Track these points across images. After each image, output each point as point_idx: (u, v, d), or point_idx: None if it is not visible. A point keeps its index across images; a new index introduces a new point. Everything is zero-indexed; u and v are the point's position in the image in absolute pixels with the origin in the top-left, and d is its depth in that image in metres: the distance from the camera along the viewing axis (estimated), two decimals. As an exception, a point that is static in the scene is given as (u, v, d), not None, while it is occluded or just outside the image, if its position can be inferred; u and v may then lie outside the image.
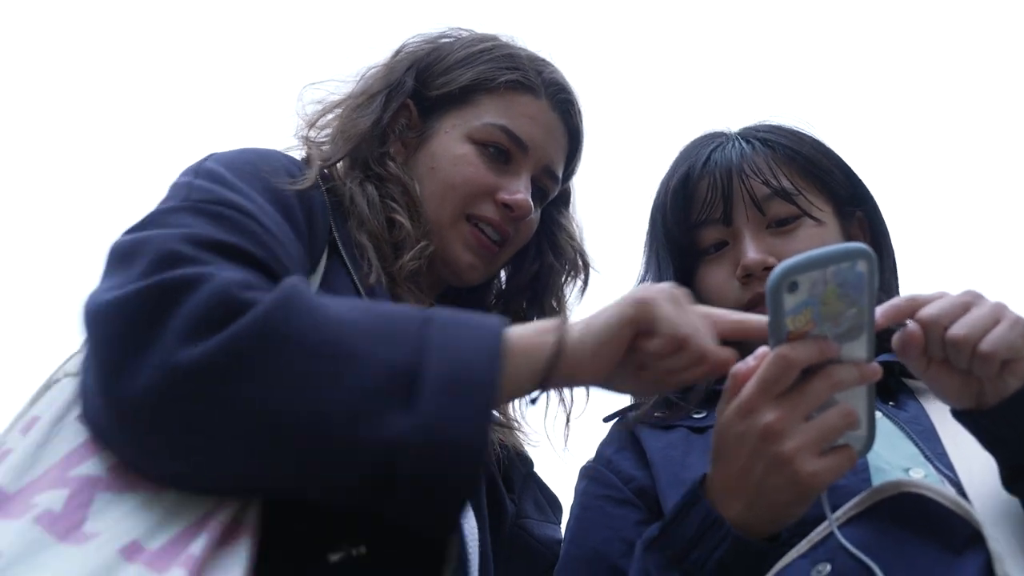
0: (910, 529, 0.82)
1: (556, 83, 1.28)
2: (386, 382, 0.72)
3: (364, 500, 0.74)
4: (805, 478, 0.79)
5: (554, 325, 0.82)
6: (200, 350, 0.71)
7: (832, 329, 0.79)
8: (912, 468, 0.94)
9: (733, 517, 0.84)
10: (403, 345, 0.75)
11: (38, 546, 0.69)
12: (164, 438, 0.73)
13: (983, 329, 0.82)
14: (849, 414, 0.80)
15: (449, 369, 0.73)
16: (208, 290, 0.74)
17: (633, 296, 0.82)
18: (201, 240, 0.81)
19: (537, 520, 1.30)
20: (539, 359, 0.80)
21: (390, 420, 0.71)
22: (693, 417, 1.18)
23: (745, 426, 0.81)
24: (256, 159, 1.01)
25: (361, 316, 0.77)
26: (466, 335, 0.77)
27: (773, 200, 1.21)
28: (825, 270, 0.75)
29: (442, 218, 1.19)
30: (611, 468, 1.18)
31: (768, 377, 0.79)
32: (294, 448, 0.72)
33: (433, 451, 0.70)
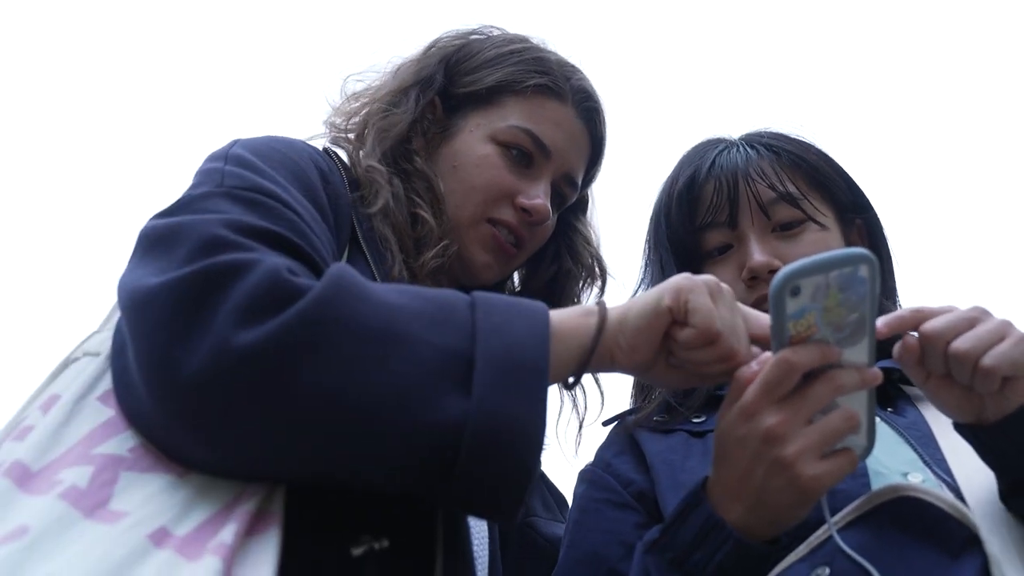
0: (908, 533, 0.83)
1: (583, 90, 1.28)
2: (441, 365, 0.72)
3: (422, 485, 0.73)
4: (806, 481, 0.79)
5: (596, 308, 0.83)
6: (256, 334, 0.70)
7: (834, 334, 0.79)
8: (911, 473, 0.94)
9: (734, 520, 0.84)
10: (455, 328, 0.75)
11: (65, 522, 0.69)
12: (218, 421, 0.72)
13: (987, 344, 0.83)
14: (851, 418, 0.80)
15: (502, 352, 0.73)
16: (258, 274, 0.73)
17: (672, 284, 0.83)
18: (243, 226, 0.80)
19: (545, 519, 1.30)
20: (583, 340, 0.81)
21: (447, 403, 0.71)
22: (692, 421, 1.18)
23: (747, 429, 0.82)
24: (283, 147, 1.01)
25: (410, 300, 0.77)
26: (514, 318, 0.77)
27: (778, 204, 1.22)
28: (827, 275, 0.76)
29: (462, 218, 1.20)
30: (610, 472, 1.18)
31: (770, 381, 0.80)
32: (352, 432, 0.71)
33: (491, 434, 0.70)
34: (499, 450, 0.71)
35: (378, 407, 0.71)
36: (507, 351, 0.74)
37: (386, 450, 0.72)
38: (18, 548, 0.65)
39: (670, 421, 1.19)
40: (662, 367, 0.86)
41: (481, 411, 0.70)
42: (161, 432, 0.76)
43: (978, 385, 0.83)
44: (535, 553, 1.25)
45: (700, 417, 1.18)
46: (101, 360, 0.84)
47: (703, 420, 1.18)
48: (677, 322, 0.82)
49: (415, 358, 0.72)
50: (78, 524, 0.69)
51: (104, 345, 0.86)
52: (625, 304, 0.85)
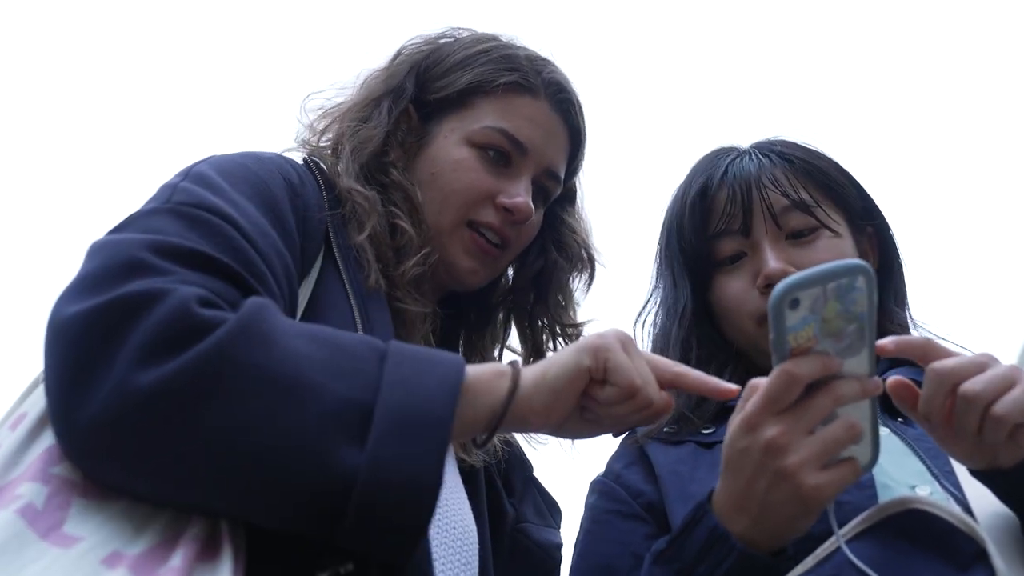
0: (916, 545, 0.83)
1: (556, 83, 1.26)
2: (339, 416, 0.73)
3: (315, 530, 0.74)
4: (808, 491, 0.79)
5: (510, 370, 0.83)
6: (155, 375, 0.71)
7: (834, 345, 0.79)
8: (918, 485, 0.94)
9: (739, 532, 0.84)
10: (359, 380, 0.75)
11: (21, 540, 0.70)
12: (119, 461, 0.73)
13: (997, 390, 0.81)
14: (852, 427, 0.80)
15: (403, 406, 0.74)
16: (166, 308, 0.73)
17: (588, 344, 0.83)
18: (166, 248, 0.80)
19: (537, 524, 1.29)
20: (494, 401, 0.81)
21: (342, 455, 0.71)
22: (702, 432, 1.18)
23: (749, 441, 0.82)
24: (251, 163, 1.00)
25: (319, 348, 0.77)
26: (423, 372, 0.78)
27: (792, 212, 1.22)
28: (825, 286, 0.76)
29: (442, 224, 1.18)
30: (620, 483, 1.18)
31: (772, 393, 0.80)
32: (245, 476, 0.72)
33: (382, 487, 0.71)
34: (387, 505, 0.71)
35: (270, 455, 0.71)
36: (408, 406, 0.74)
37: (278, 497, 0.73)
38: None
39: (680, 432, 1.19)
40: (575, 422, 0.87)
41: (372, 465, 0.71)
42: (79, 464, 0.76)
43: (987, 432, 0.81)
44: (526, 559, 1.25)
45: (710, 428, 1.18)
46: None
47: (712, 431, 1.18)
48: (595, 381, 0.83)
49: (311, 408, 0.72)
50: (34, 544, 0.70)
51: None
52: (541, 365, 0.85)
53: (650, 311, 1.38)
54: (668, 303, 1.33)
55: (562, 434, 0.89)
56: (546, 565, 1.25)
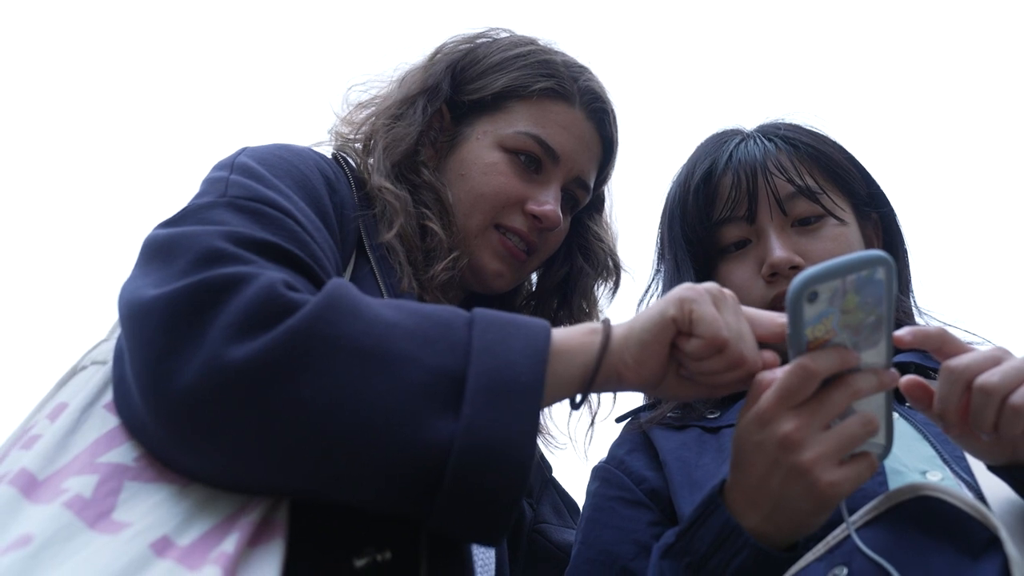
0: (927, 532, 0.81)
1: (591, 91, 1.26)
2: (432, 386, 0.72)
3: (408, 505, 0.73)
4: (824, 487, 0.78)
5: (599, 326, 0.82)
6: (249, 348, 0.70)
7: (851, 337, 0.78)
8: (929, 471, 0.93)
9: (751, 526, 0.83)
10: (448, 348, 0.74)
11: (69, 531, 0.69)
12: (208, 436, 0.72)
13: (1014, 381, 0.79)
14: (870, 422, 0.79)
15: (494, 372, 0.73)
16: (255, 288, 0.74)
17: (675, 295, 0.81)
18: (242, 238, 0.80)
19: (555, 525, 1.29)
20: (585, 360, 0.80)
21: (435, 423, 0.71)
22: (707, 417, 1.17)
23: (764, 435, 0.80)
24: (291, 156, 1.00)
25: (406, 318, 0.76)
26: (510, 337, 0.76)
27: (797, 199, 1.20)
28: (844, 279, 0.74)
29: (470, 227, 1.18)
30: (623, 469, 1.17)
31: (788, 387, 0.78)
32: (337, 450, 0.71)
33: (478, 454, 0.70)
34: (484, 473, 0.70)
35: (365, 426, 0.71)
36: (499, 371, 0.73)
37: (372, 469, 0.72)
38: (22, 557, 0.66)
39: (684, 417, 1.18)
40: (672, 380, 0.84)
41: (468, 433, 0.70)
42: (157, 443, 0.76)
43: (1005, 425, 0.79)
44: (545, 559, 1.25)
45: (714, 413, 1.17)
46: (108, 369, 0.84)
47: (717, 416, 1.17)
48: (683, 333, 0.81)
49: (405, 377, 0.72)
50: (82, 534, 0.69)
51: (111, 354, 0.86)
52: (630, 320, 0.83)
53: (652, 295, 1.36)
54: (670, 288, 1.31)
55: (661, 393, 0.86)
56: (565, 565, 1.24)
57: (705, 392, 0.86)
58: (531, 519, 1.26)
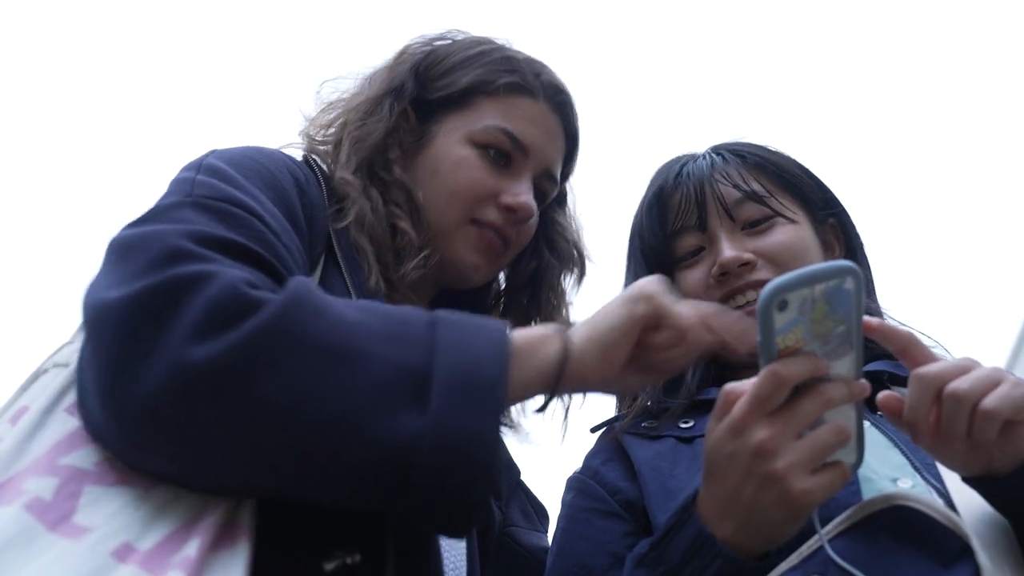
0: (900, 541, 0.82)
1: (553, 85, 1.27)
2: (397, 382, 0.72)
3: (380, 501, 0.73)
4: (797, 496, 0.79)
5: (556, 329, 0.83)
6: (210, 349, 0.70)
7: (821, 347, 0.78)
8: (900, 478, 0.93)
9: (725, 536, 0.83)
10: (413, 346, 0.75)
11: (30, 534, 0.68)
12: (172, 438, 0.72)
13: (985, 387, 0.80)
14: (841, 431, 0.80)
15: (459, 368, 0.73)
16: (216, 287, 0.73)
17: (638, 293, 0.83)
18: (205, 237, 0.79)
19: (524, 528, 1.29)
20: (546, 364, 0.80)
21: (403, 420, 0.71)
22: (680, 427, 1.17)
23: (736, 444, 0.81)
24: (259, 156, 1.00)
25: (369, 317, 0.76)
26: (472, 335, 0.77)
27: (745, 203, 1.24)
28: (814, 288, 0.75)
29: (446, 222, 1.18)
30: (597, 480, 1.17)
31: (760, 395, 0.79)
32: (307, 448, 0.71)
33: (446, 449, 0.70)
34: (454, 466, 0.71)
35: (332, 423, 0.71)
36: (465, 367, 0.74)
37: (342, 466, 0.72)
38: None
39: (658, 427, 1.18)
40: (629, 373, 0.86)
41: (437, 427, 0.70)
42: (119, 447, 0.75)
43: (978, 432, 0.80)
44: (514, 563, 1.25)
45: (688, 422, 1.17)
46: (70, 371, 0.83)
47: (691, 425, 1.17)
48: (649, 327, 0.83)
49: (370, 374, 0.72)
50: (42, 537, 0.68)
51: (73, 356, 0.84)
52: (588, 322, 0.84)
53: None
54: None
55: (615, 388, 0.89)
56: (534, 569, 1.24)
57: (655, 379, 0.90)
58: (500, 522, 1.26)
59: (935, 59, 3.41)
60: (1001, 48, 3.49)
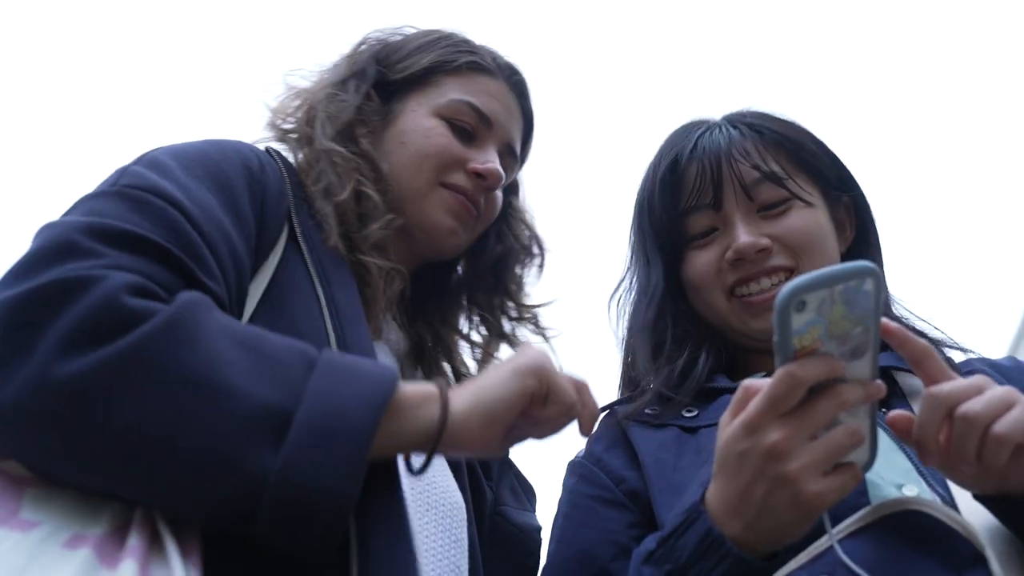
0: (911, 546, 0.82)
1: (510, 66, 1.32)
2: (257, 420, 0.73)
3: (231, 528, 0.75)
4: (809, 498, 0.78)
5: (438, 394, 0.83)
6: (78, 365, 0.71)
7: (838, 347, 0.77)
8: (906, 484, 0.93)
9: (734, 535, 0.83)
10: (282, 386, 0.76)
11: None
12: (39, 448, 0.73)
13: (997, 410, 0.79)
14: (855, 433, 0.79)
15: (322, 416, 0.74)
16: (94, 297, 0.73)
17: (529, 367, 0.86)
18: (103, 230, 0.80)
19: (515, 508, 1.29)
20: (426, 424, 0.82)
21: (255, 457, 0.72)
22: (684, 416, 1.16)
23: (749, 444, 0.80)
24: (209, 148, 1.01)
25: (245, 353, 0.77)
26: (350, 384, 0.78)
27: (762, 184, 1.20)
28: (833, 288, 0.74)
29: (418, 186, 1.20)
30: (601, 467, 1.16)
31: (775, 395, 0.78)
32: (160, 473, 0.73)
33: (292, 492, 0.72)
34: (297, 509, 0.72)
35: (187, 453, 0.72)
36: (328, 416, 0.75)
37: (196, 494, 0.73)
38: None
39: (662, 415, 1.18)
40: (506, 441, 0.90)
41: (285, 469, 0.72)
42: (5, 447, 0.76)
43: (988, 455, 0.78)
44: (508, 542, 1.25)
45: (692, 412, 1.17)
46: None
47: (695, 415, 1.16)
48: (536, 400, 0.86)
49: (231, 409, 0.73)
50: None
51: None
52: (473, 389, 0.86)
53: (625, 291, 1.36)
54: (641, 283, 1.32)
55: (491, 454, 0.92)
56: (528, 548, 1.25)
57: (526, 439, 0.93)
58: (492, 501, 1.27)
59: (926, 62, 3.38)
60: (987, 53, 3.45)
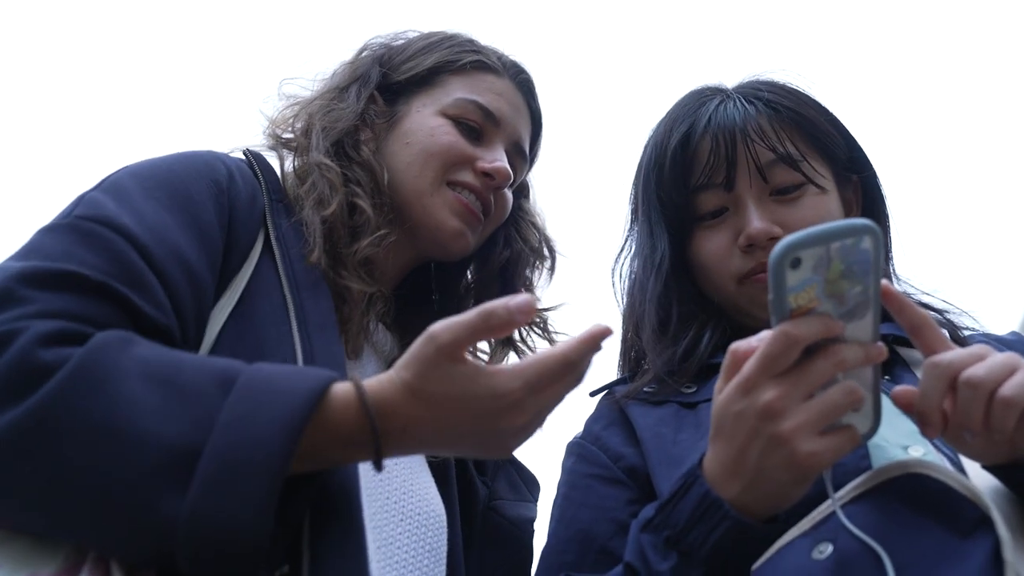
0: (915, 510, 0.80)
1: (516, 65, 1.31)
2: (165, 464, 0.72)
3: (164, 567, 0.74)
4: (803, 458, 0.76)
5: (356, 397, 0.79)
6: None
7: (837, 307, 0.75)
8: (911, 446, 0.91)
9: (732, 498, 0.81)
10: (192, 422, 0.74)
11: None
12: None
13: (1002, 375, 0.76)
14: (852, 392, 0.77)
15: (229, 450, 0.72)
16: (10, 353, 0.74)
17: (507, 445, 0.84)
18: (37, 275, 0.81)
19: (511, 501, 1.29)
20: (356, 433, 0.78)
21: (166, 502, 0.71)
22: (683, 392, 1.15)
23: (744, 404, 0.78)
24: (174, 163, 1.01)
25: (156, 389, 0.75)
26: (266, 406, 0.75)
27: (777, 166, 1.17)
28: (829, 246, 0.72)
29: (422, 186, 1.18)
30: (599, 445, 1.15)
31: (770, 354, 0.76)
32: (80, 521, 0.73)
33: (200, 537, 0.71)
34: (209, 552, 0.71)
35: (100, 504, 0.72)
36: (236, 449, 0.73)
37: (117, 539, 0.74)
38: None
39: (660, 392, 1.16)
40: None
41: (192, 514, 0.70)
42: None
43: (995, 420, 0.76)
44: (500, 536, 1.25)
45: (691, 388, 1.15)
46: None
47: (694, 391, 1.15)
48: None
49: (139, 456, 0.72)
50: None
51: None
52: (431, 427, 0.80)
53: (626, 257, 1.33)
54: (644, 253, 1.28)
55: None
56: (518, 540, 1.25)
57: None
58: (485, 497, 1.26)
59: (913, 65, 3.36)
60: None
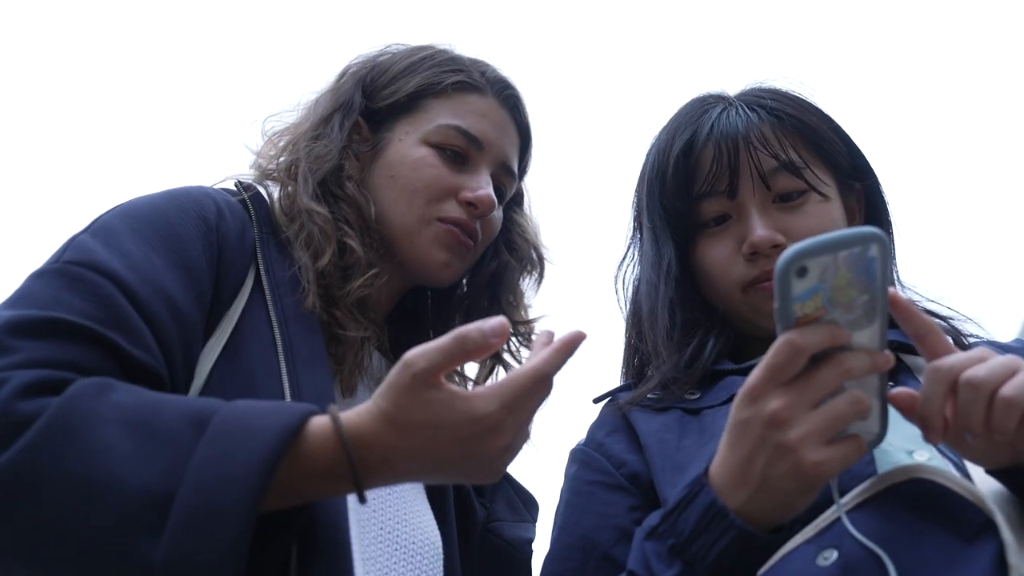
0: (919, 515, 0.80)
1: (501, 80, 1.29)
2: (138, 512, 0.73)
3: None
4: (808, 468, 0.76)
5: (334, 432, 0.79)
6: None
7: (843, 316, 0.76)
8: (916, 450, 0.91)
9: (737, 507, 0.81)
10: (166, 467, 0.74)
11: None
12: None
13: (1003, 375, 0.76)
14: (859, 401, 0.77)
15: (201, 493, 0.72)
16: None
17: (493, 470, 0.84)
18: (22, 324, 0.82)
19: (509, 522, 1.28)
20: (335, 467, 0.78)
21: (141, 549, 0.71)
22: (687, 399, 1.15)
23: (750, 413, 0.78)
24: (162, 202, 1.01)
25: (131, 435, 0.76)
26: (239, 446, 0.75)
27: (780, 174, 1.17)
28: (836, 255, 0.72)
29: (409, 222, 1.19)
30: (602, 452, 1.15)
31: (775, 363, 0.76)
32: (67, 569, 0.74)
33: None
34: None
35: (78, 554, 0.72)
36: (208, 491, 0.73)
37: None
38: None
39: (664, 399, 1.16)
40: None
41: (166, 561, 0.70)
42: None
43: (996, 421, 0.76)
44: (499, 557, 1.25)
45: (695, 394, 1.15)
46: None
47: (698, 397, 1.14)
48: None
49: (113, 505, 0.72)
50: None
51: None
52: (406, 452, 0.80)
53: (629, 264, 1.34)
54: (650, 259, 1.28)
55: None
56: (517, 562, 1.24)
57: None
58: (484, 518, 1.26)
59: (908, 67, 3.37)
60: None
